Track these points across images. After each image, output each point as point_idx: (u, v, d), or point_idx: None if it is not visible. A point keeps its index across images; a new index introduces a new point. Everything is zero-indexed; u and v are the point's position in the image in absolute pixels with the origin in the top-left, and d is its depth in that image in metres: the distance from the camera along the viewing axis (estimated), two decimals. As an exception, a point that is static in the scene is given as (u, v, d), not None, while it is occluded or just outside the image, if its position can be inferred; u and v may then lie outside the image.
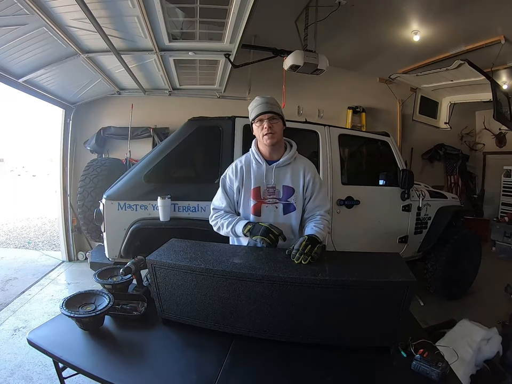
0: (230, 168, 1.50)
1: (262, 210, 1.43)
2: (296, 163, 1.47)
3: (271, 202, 1.43)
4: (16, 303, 2.88)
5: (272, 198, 1.43)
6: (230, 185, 1.48)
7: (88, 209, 3.07)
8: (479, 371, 1.74)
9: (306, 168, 1.46)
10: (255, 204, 1.43)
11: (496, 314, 2.53)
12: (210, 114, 2.49)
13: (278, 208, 1.43)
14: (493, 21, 3.06)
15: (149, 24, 2.18)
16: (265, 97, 1.43)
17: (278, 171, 1.44)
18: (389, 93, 4.91)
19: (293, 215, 1.45)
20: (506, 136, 5.46)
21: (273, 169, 1.43)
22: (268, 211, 1.43)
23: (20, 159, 23.23)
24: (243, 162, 1.48)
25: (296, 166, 1.46)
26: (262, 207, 1.43)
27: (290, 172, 1.45)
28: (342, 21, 3.06)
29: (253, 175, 1.44)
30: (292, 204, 1.43)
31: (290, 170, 1.45)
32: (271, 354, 1.10)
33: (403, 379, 1.02)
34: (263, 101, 1.40)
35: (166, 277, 1.17)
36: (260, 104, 1.40)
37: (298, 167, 1.46)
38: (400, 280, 1.03)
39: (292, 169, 1.45)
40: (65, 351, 1.10)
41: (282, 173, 1.44)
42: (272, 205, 1.43)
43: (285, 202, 1.43)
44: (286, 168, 1.45)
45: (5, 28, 2.13)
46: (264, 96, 1.43)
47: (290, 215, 1.44)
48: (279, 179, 1.43)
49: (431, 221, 2.95)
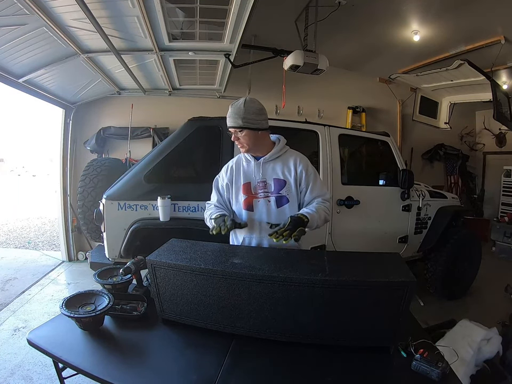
0: (223, 168, 1.56)
1: (254, 205, 1.45)
2: (287, 156, 1.48)
3: (263, 197, 1.44)
4: (16, 303, 2.88)
5: (263, 191, 1.44)
6: (222, 183, 1.53)
7: (88, 209, 3.07)
8: (479, 371, 1.73)
9: (297, 160, 1.46)
10: (246, 199, 1.45)
11: (496, 314, 2.53)
12: (210, 114, 2.49)
13: (271, 201, 1.44)
14: (493, 21, 3.06)
15: (149, 24, 2.19)
16: (234, 107, 1.38)
17: (267, 165, 1.46)
18: (389, 93, 4.91)
19: (287, 208, 1.44)
20: (506, 136, 5.46)
21: (261, 164, 1.45)
22: (260, 205, 1.44)
23: (20, 159, 23.25)
24: (234, 161, 1.53)
25: (287, 159, 1.47)
26: (253, 202, 1.45)
27: (281, 164, 1.45)
28: (342, 21, 3.06)
29: (243, 171, 1.48)
30: (284, 196, 1.44)
31: (280, 163, 1.46)
32: (271, 354, 1.10)
33: (403, 379, 1.02)
34: (229, 114, 1.39)
35: (166, 277, 1.17)
36: (228, 116, 1.39)
37: (289, 159, 1.46)
38: (400, 280, 1.03)
39: (282, 162, 1.46)
40: (65, 351, 1.10)
41: (271, 167, 1.45)
42: (264, 199, 1.44)
43: (277, 195, 1.43)
44: (275, 162, 1.46)
45: (5, 28, 2.13)
46: (234, 104, 1.39)
47: (284, 208, 1.44)
48: (268, 173, 1.45)
49: (431, 221, 2.96)
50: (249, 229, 1.46)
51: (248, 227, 1.45)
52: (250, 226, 1.46)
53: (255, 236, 1.46)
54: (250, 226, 1.46)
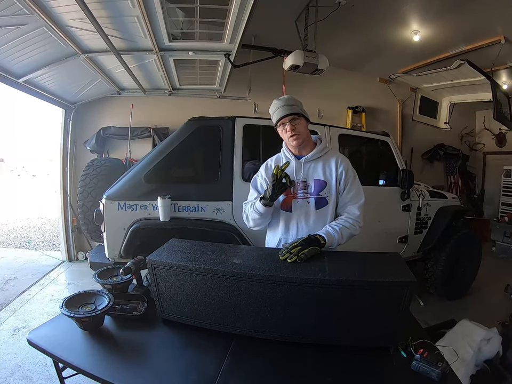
0: (262, 166, 1.51)
1: (293, 205, 1.40)
2: (328, 156, 1.44)
3: (302, 197, 1.39)
4: (16, 303, 2.88)
5: (303, 192, 1.39)
6: (261, 181, 1.47)
7: (88, 209, 3.07)
8: (479, 371, 1.73)
9: (339, 161, 1.42)
10: (285, 199, 1.40)
11: (496, 314, 2.53)
12: (210, 114, 2.49)
13: (310, 202, 1.39)
14: (493, 21, 3.06)
15: (149, 24, 2.18)
16: (283, 98, 1.40)
17: (308, 165, 1.41)
18: (389, 93, 4.91)
19: (326, 210, 1.40)
20: (506, 136, 5.46)
21: (303, 163, 1.41)
22: (299, 206, 1.39)
23: (20, 159, 23.19)
24: (274, 160, 1.49)
25: (328, 159, 1.43)
26: (292, 202, 1.40)
27: (322, 165, 1.41)
28: (342, 21, 3.06)
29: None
30: (324, 198, 1.39)
31: (322, 163, 1.42)
32: (271, 354, 1.10)
33: (403, 379, 1.02)
34: (281, 104, 1.38)
35: (166, 277, 1.17)
36: (279, 107, 1.38)
37: (330, 160, 1.42)
38: (400, 280, 1.03)
39: (323, 162, 1.42)
40: (65, 351, 1.10)
41: (312, 167, 1.41)
42: (303, 200, 1.39)
43: (317, 196, 1.39)
44: (316, 162, 1.42)
45: (5, 27, 2.13)
46: (281, 98, 1.40)
47: (323, 209, 1.39)
48: (309, 173, 1.41)
49: (431, 221, 2.95)
50: (285, 230, 1.43)
51: (284, 228, 1.43)
52: (287, 227, 1.42)
53: (291, 237, 1.41)
54: (287, 227, 1.42)
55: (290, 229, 1.42)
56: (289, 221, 1.41)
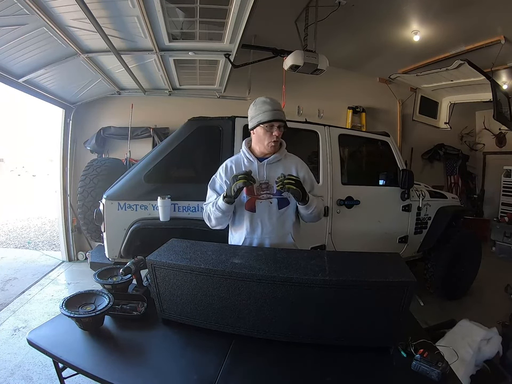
0: (220, 168, 1.53)
1: (257, 206, 1.45)
2: (287, 160, 1.51)
3: (265, 198, 1.45)
4: (16, 303, 2.88)
5: (266, 193, 1.45)
6: (221, 182, 1.50)
7: (88, 209, 3.07)
8: (479, 371, 1.74)
9: (298, 166, 1.51)
10: (249, 200, 1.46)
11: (496, 314, 2.53)
12: (210, 114, 2.49)
13: (273, 203, 1.45)
14: (493, 21, 3.06)
15: (149, 24, 2.19)
16: (274, 102, 1.44)
17: (270, 167, 1.47)
18: (389, 93, 4.91)
19: (288, 209, 1.47)
20: (506, 136, 5.46)
21: (265, 165, 1.47)
22: (262, 206, 1.45)
23: (20, 159, 23.16)
24: (234, 161, 1.52)
25: (288, 163, 1.50)
26: (256, 203, 1.45)
27: (282, 167, 1.47)
28: (342, 21, 3.06)
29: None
30: (286, 198, 1.46)
31: (282, 166, 1.48)
32: (271, 354, 1.10)
33: (403, 379, 1.02)
34: (274, 107, 1.41)
35: (166, 277, 1.17)
36: (273, 110, 1.40)
37: (290, 164, 1.50)
38: (400, 280, 1.03)
39: (283, 165, 1.49)
40: (65, 351, 1.10)
41: (273, 169, 1.47)
42: (266, 200, 1.45)
43: (279, 197, 1.45)
44: (277, 164, 1.48)
45: (5, 27, 2.13)
46: (271, 100, 1.44)
47: (285, 209, 1.46)
48: (270, 175, 1.46)
49: (431, 221, 2.95)
50: (250, 230, 1.47)
51: (250, 227, 1.46)
52: (252, 227, 1.46)
53: (256, 237, 1.47)
54: (252, 227, 1.46)
55: (255, 228, 1.47)
56: (254, 220, 1.46)
